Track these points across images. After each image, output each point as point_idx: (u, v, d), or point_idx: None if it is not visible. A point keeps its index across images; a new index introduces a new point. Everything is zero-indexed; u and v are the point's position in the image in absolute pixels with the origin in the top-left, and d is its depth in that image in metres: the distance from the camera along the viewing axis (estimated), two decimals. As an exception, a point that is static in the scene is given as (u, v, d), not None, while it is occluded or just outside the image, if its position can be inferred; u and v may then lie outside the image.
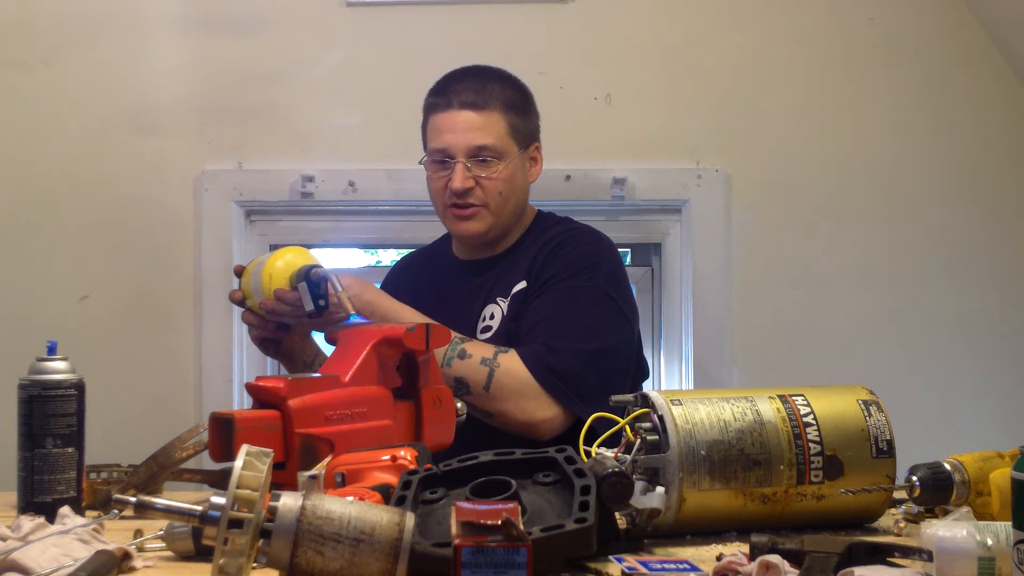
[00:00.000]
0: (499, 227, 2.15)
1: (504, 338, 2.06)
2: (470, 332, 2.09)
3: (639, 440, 1.40)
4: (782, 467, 1.40)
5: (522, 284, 2.11)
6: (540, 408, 1.95)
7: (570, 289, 2.06)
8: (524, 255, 2.15)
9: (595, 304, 2.06)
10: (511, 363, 1.96)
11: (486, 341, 2.06)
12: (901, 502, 1.53)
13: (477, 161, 2.10)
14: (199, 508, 1.07)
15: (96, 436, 1.60)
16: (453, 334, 1.97)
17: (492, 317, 2.12)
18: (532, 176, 2.20)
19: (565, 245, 2.13)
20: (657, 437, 1.39)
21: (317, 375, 1.69)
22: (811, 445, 1.41)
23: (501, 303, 2.12)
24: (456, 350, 1.97)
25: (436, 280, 2.26)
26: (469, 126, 2.10)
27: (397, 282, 2.31)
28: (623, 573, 1.19)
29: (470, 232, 2.14)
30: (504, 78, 2.19)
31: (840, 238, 2.68)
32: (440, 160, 2.12)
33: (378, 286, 2.16)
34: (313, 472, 1.47)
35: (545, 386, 1.95)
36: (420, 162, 2.19)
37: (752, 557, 1.20)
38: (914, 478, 1.43)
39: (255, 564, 1.09)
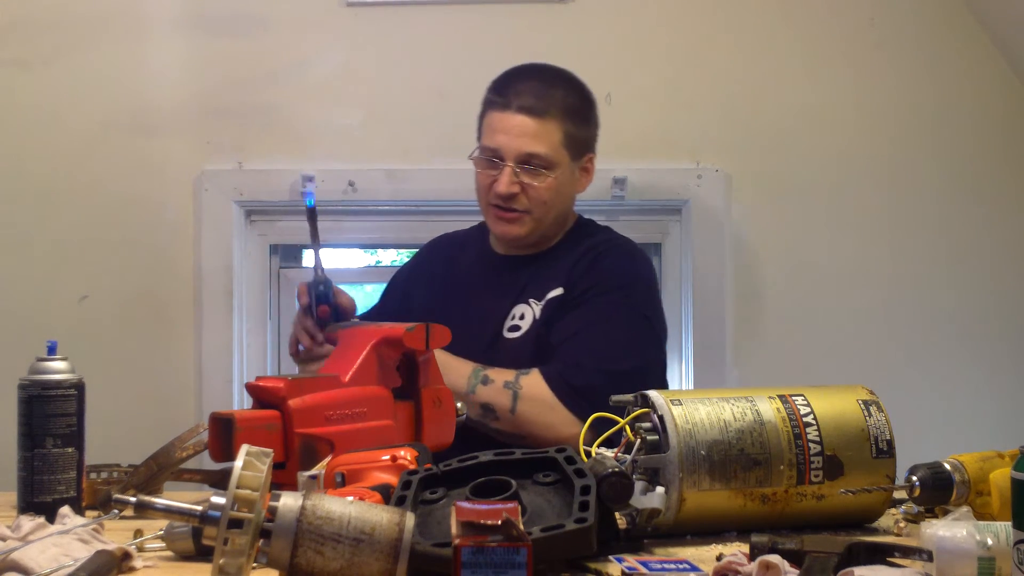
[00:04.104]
0: (540, 232, 2.13)
1: (533, 342, 2.05)
2: (496, 327, 2.08)
3: (639, 440, 1.40)
4: (782, 467, 1.40)
5: (558, 291, 2.08)
6: (567, 425, 1.91)
7: (606, 305, 2.04)
8: (561, 260, 2.13)
9: (629, 324, 2.05)
10: (533, 384, 1.95)
11: (513, 340, 2.06)
12: (901, 502, 1.54)
13: (526, 168, 2.05)
14: (199, 508, 1.07)
15: (96, 436, 1.59)
16: (472, 364, 1.97)
17: (522, 318, 2.09)
18: (581, 186, 2.17)
19: (604, 258, 2.10)
20: (657, 437, 1.39)
21: (317, 375, 1.69)
22: (811, 445, 1.41)
23: (534, 305, 2.09)
24: (479, 376, 1.96)
25: (469, 268, 2.23)
26: (523, 131, 2.05)
27: (429, 259, 2.30)
28: (623, 573, 1.19)
29: (510, 235, 2.12)
30: (569, 84, 2.14)
31: (840, 238, 2.68)
32: (490, 159, 2.08)
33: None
34: (313, 472, 1.48)
35: (568, 405, 1.94)
36: (470, 156, 2.14)
37: (752, 557, 1.20)
38: (914, 478, 1.43)
39: (255, 564, 1.09)
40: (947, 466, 1.44)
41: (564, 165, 2.08)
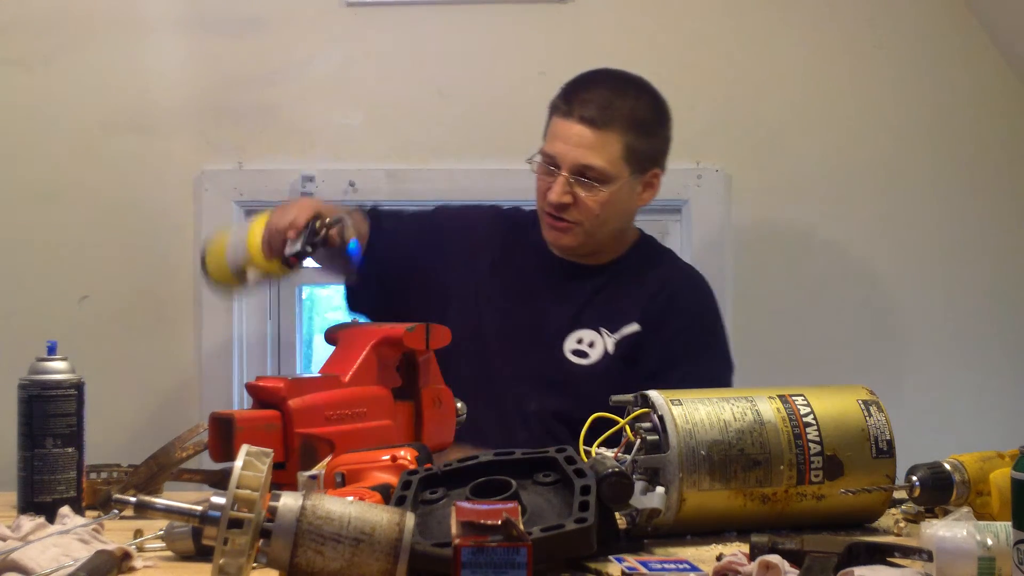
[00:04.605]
0: (592, 245, 2.07)
1: (604, 376, 1.99)
2: (555, 342, 2.04)
3: (639, 440, 1.40)
4: (782, 467, 1.40)
5: (634, 327, 2.03)
6: None
7: (694, 351, 2.02)
8: (629, 285, 2.07)
9: (722, 369, 2.05)
10: None
11: (581, 368, 2.01)
12: (901, 502, 1.54)
13: (580, 180, 1.99)
14: (199, 508, 1.07)
15: (96, 436, 1.59)
16: None
17: (591, 345, 2.03)
18: (641, 201, 2.09)
19: (684, 297, 2.07)
20: (657, 437, 1.39)
21: (317, 375, 1.69)
22: (811, 445, 1.41)
23: (606, 336, 2.03)
24: None
25: (527, 261, 2.14)
26: (581, 142, 1.98)
27: (491, 230, 2.19)
28: (623, 573, 1.19)
29: (559, 244, 2.07)
30: (641, 93, 2.07)
31: (840, 238, 2.68)
32: (547, 165, 2.02)
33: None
34: (313, 472, 1.48)
35: None
36: (529, 159, 2.07)
37: (752, 557, 1.20)
38: (914, 478, 1.43)
39: (255, 564, 1.09)
40: (947, 466, 1.44)
41: (622, 179, 2.00)
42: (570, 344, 2.04)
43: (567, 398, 2.00)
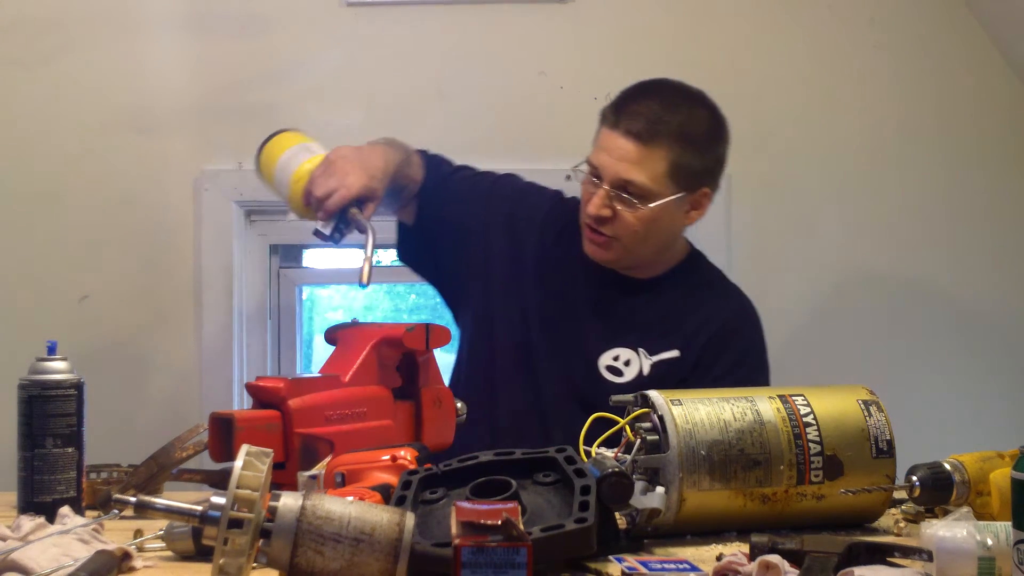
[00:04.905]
0: (631, 260, 2.01)
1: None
2: (592, 356, 1.99)
3: (639, 440, 1.40)
4: (782, 467, 1.40)
5: (673, 353, 1.97)
6: None
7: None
8: (673, 307, 2.01)
9: None
10: None
11: (613, 386, 1.94)
12: (901, 502, 1.54)
13: (620, 195, 1.91)
14: (199, 508, 1.07)
15: (96, 436, 1.59)
16: None
17: (627, 364, 1.97)
18: (688, 220, 2.00)
19: (735, 333, 2.00)
20: (657, 437, 1.39)
21: (317, 375, 1.69)
22: (811, 445, 1.41)
23: (643, 357, 1.98)
24: None
25: (573, 263, 2.05)
26: (624, 156, 1.90)
27: (545, 222, 2.10)
28: (623, 573, 1.19)
29: (596, 257, 2.00)
30: (696, 108, 1.97)
31: (840, 238, 2.68)
32: (590, 175, 1.96)
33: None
34: (313, 472, 1.48)
35: None
36: (575, 167, 2.00)
37: (752, 557, 1.20)
38: (914, 478, 1.43)
39: (255, 564, 1.09)
40: (947, 466, 1.44)
41: (666, 197, 1.91)
42: (606, 360, 1.99)
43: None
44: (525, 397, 2.01)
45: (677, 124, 1.92)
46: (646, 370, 1.97)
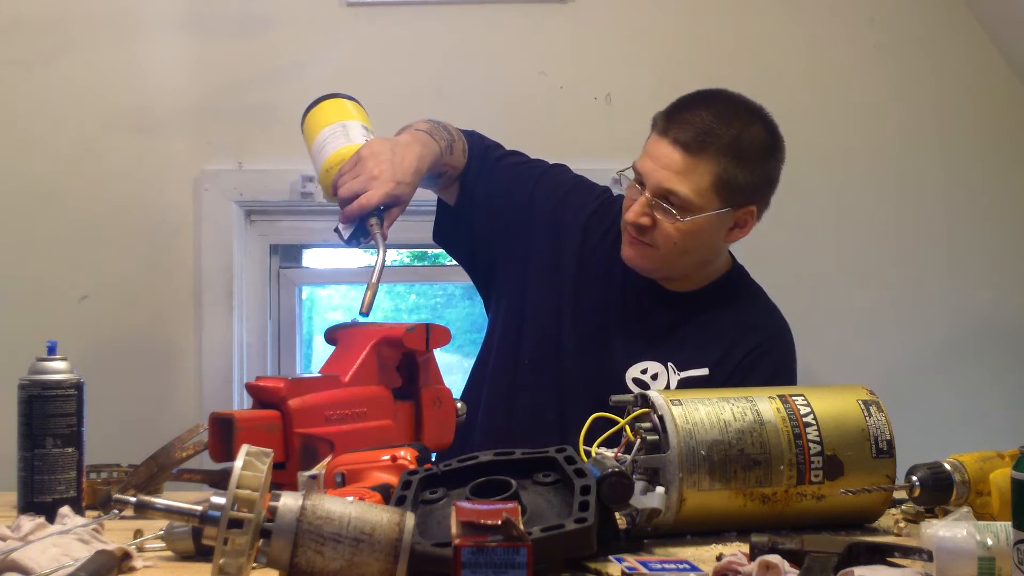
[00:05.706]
0: (668, 272, 1.96)
1: None
2: (621, 367, 1.95)
3: (639, 440, 1.40)
4: (782, 467, 1.40)
5: (703, 371, 1.93)
6: None
7: None
8: (707, 325, 1.96)
9: None
10: None
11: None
12: (901, 502, 1.54)
13: (661, 204, 1.86)
14: (199, 508, 1.07)
15: (96, 436, 1.59)
16: None
17: (655, 378, 1.93)
18: (730, 238, 1.95)
19: (767, 357, 1.95)
20: (657, 437, 1.39)
21: (317, 375, 1.69)
22: (811, 445, 1.41)
23: (671, 372, 1.93)
24: None
25: (609, 259, 2.00)
26: (669, 165, 1.85)
27: (591, 219, 2.05)
28: (623, 573, 1.19)
29: (632, 263, 1.94)
30: (751, 122, 1.90)
31: (840, 238, 2.68)
32: (636, 180, 1.91)
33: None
34: (313, 472, 1.48)
35: None
36: (620, 171, 1.97)
37: (752, 557, 1.20)
38: (914, 478, 1.43)
39: (255, 564, 1.09)
40: (947, 466, 1.44)
41: (708, 211, 1.86)
42: (634, 372, 1.95)
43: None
44: (547, 395, 1.99)
45: (729, 137, 1.86)
46: (673, 385, 1.93)
